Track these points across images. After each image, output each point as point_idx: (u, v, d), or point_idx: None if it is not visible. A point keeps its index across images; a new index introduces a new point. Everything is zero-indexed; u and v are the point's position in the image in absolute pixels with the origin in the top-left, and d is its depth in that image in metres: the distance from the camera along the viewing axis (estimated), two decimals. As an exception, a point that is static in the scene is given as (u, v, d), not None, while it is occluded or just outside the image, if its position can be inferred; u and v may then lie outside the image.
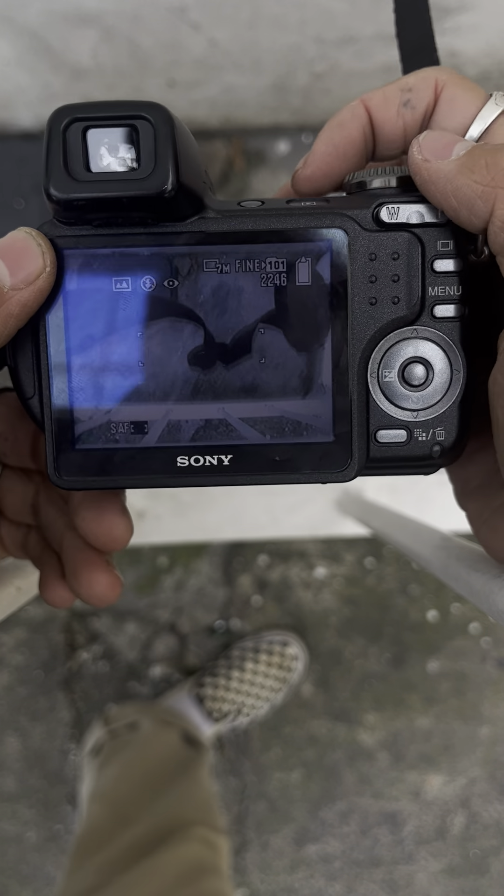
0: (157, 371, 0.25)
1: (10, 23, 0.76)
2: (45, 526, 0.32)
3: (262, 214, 0.25)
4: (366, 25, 0.76)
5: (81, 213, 0.24)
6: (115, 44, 0.80)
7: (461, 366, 0.26)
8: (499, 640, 1.14)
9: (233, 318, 0.25)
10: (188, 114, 0.97)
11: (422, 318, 0.25)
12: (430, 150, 0.24)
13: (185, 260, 0.25)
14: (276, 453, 0.26)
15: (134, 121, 0.23)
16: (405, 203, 0.25)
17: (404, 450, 0.26)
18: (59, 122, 0.23)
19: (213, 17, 0.75)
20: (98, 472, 0.26)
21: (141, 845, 0.77)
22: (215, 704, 1.07)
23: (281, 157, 1.04)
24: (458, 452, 0.27)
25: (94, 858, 0.77)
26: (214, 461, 0.26)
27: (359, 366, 0.25)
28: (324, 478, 0.26)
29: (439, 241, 0.25)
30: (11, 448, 0.32)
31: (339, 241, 0.25)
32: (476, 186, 0.23)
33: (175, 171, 0.23)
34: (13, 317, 0.24)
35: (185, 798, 0.87)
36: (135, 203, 0.24)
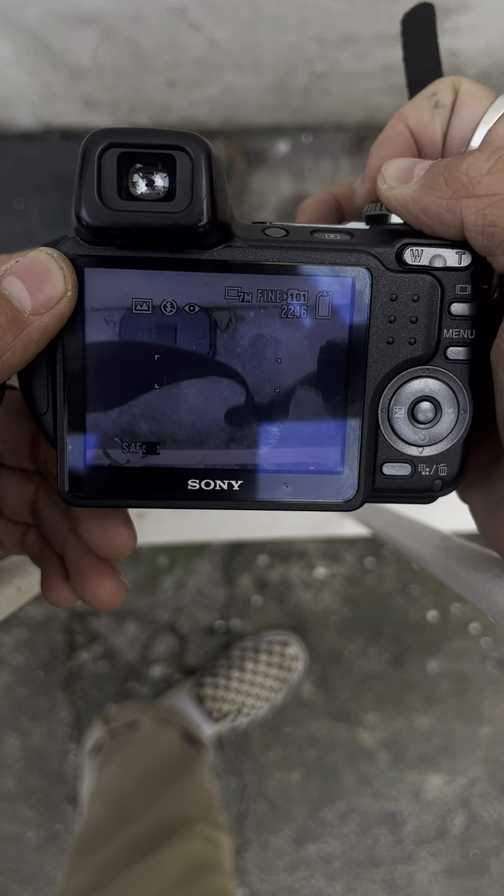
0: (179, 401, 0.26)
1: (10, 23, 0.76)
2: (46, 527, 0.32)
3: (288, 246, 0.25)
4: (366, 25, 0.76)
5: (110, 238, 0.24)
6: (115, 44, 0.80)
7: (468, 406, 0.26)
8: (499, 640, 1.14)
9: (258, 355, 0.25)
10: (188, 114, 0.97)
11: (435, 359, 0.26)
12: (392, 178, 0.26)
13: (208, 289, 0.25)
14: (284, 481, 0.26)
15: (171, 150, 0.23)
16: (428, 246, 0.25)
17: (407, 482, 0.27)
18: (94, 147, 0.23)
19: (213, 17, 0.75)
20: (108, 492, 0.26)
21: (143, 843, 0.77)
22: (215, 704, 1.07)
23: (281, 157, 1.04)
24: (457, 486, 0.28)
25: (95, 856, 0.77)
26: (225, 486, 0.26)
27: (371, 401, 0.26)
28: (330, 507, 0.26)
29: (458, 285, 0.26)
30: (10, 449, 0.32)
31: (362, 279, 0.25)
32: (440, 201, 0.24)
33: (210, 206, 0.23)
34: (34, 342, 0.23)
35: (186, 796, 0.87)
36: (167, 233, 0.24)
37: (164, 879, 0.73)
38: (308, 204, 0.33)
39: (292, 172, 1.04)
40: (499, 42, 0.81)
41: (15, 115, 0.96)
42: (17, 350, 0.23)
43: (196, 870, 0.75)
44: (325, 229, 0.26)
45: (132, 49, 0.81)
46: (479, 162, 0.23)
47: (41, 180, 1.01)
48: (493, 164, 0.23)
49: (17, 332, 0.23)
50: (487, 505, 0.29)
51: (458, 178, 0.23)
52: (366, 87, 0.90)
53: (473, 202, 0.23)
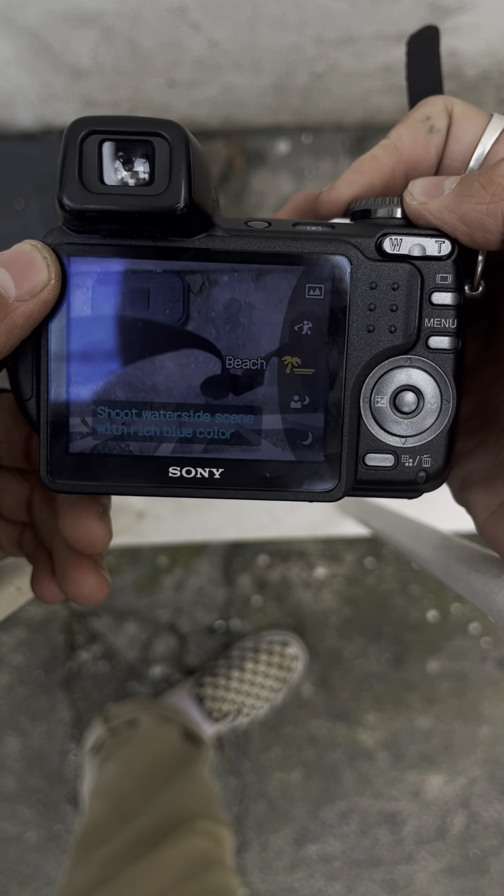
0: (156, 381, 0.26)
1: (10, 23, 0.76)
2: (39, 525, 0.33)
3: (268, 236, 0.25)
4: (366, 25, 0.76)
5: (92, 223, 0.25)
6: (115, 44, 0.80)
7: (451, 396, 0.26)
8: (499, 640, 1.14)
9: (235, 334, 0.26)
10: (188, 114, 0.97)
11: (416, 348, 0.26)
12: (423, 194, 0.26)
13: (192, 277, 0.25)
14: (266, 469, 0.26)
15: (150, 137, 0.24)
16: (408, 235, 0.26)
17: (391, 474, 0.27)
18: (76, 134, 0.24)
19: (213, 17, 0.75)
20: (89, 477, 0.26)
21: (144, 839, 0.77)
22: (215, 704, 1.07)
23: (281, 157, 1.04)
24: (442, 480, 0.27)
25: (97, 853, 0.77)
26: (206, 473, 0.26)
27: (352, 390, 0.26)
28: (311, 497, 0.26)
29: (439, 274, 0.26)
30: (6, 450, 0.32)
31: (341, 267, 0.25)
32: (480, 206, 0.24)
33: (188, 190, 0.24)
34: (17, 328, 0.24)
35: (187, 792, 0.87)
36: (146, 217, 0.24)
37: (167, 875, 0.73)
38: (299, 202, 0.33)
39: (292, 172, 1.04)
40: (499, 42, 0.81)
41: (15, 115, 0.96)
42: (2, 335, 0.24)
43: (198, 866, 0.75)
44: (307, 223, 0.27)
45: (132, 49, 0.81)
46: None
47: (41, 180, 1.01)
48: None
49: (1, 318, 0.24)
50: (490, 505, 0.29)
51: (496, 181, 0.24)
52: (366, 87, 0.90)
53: None
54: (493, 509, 0.29)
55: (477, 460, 0.31)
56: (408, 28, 0.76)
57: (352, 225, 0.27)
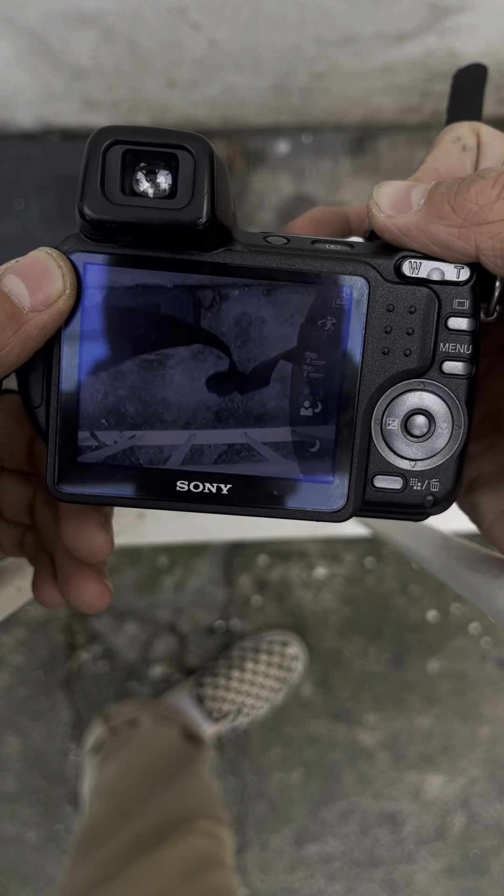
0: (169, 394, 0.26)
1: (10, 23, 0.76)
2: (41, 528, 0.33)
3: (287, 253, 0.25)
4: (366, 25, 0.76)
5: (111, 233, 0.24)
6: (115, 44, 0.80)
7: (462, 422, 0.26)
8: (499, 640, 1.14)
9: (251, 351, 0.26)
10: (188, 114, 0.97)
11: (430, 372, 0.26)
12: (389, 206, 0.25)
13: (207, 290, 0.25)
14: (274, 487, 0.26)
15: (175, 150, 0.24)
16: (427, 259, 0.25)
17: (398, 497, 0.27)
18: (100, 143, 0.24)
19: (213, 17, 0.75)
20: (96, 488, 0.26)
21: (144, 839, 0.78)
22: (215, 704, 1.07)
23: (281, 157, 1.04)
24: (449, 504, 0.27)
25: (97, 852, 0.78)
26: (213, 489, 0.26)
27: (364, 411, 0.26)
28: (319, 517, 0.26)
29: (456, 299, 0.26)
30: (10, 453, 0.32)
31: (359, 288, 0.25)
32: (451, 230, 0.24)
33: (210, 205, 0.23)
34: (32, 339, 0.24)
35: (187, 792, 0.88)
36: (167, 231, 0.24)
37: (167, 875, 0.73)
38: (316, 214, 0.32)
39: (292, 172, 1.04)
40: (499, 42, 0.81)
41: (15, 115, 0.96)
42: (16, 346, 0.23)
43: (198, 865, 0.75)
44: (325, 240, 0.26)
45: (132, 49, 0.81)
46: (486, 190, 0.24)
47: (41, 180, 1.01)
48: (499, 191, 0.23)
49: (15, 329, 0.23)
50: (498, 507, 0.30)
51: (467, 207, 0.24)
52: (366, 87, 0.90)
53: (488, 228, 0.23)
54: (502, 510, 0.29)
55: (485, 463, 0.31)
56: (408, 28, 0.76)
57: (370, 245, 0.27)
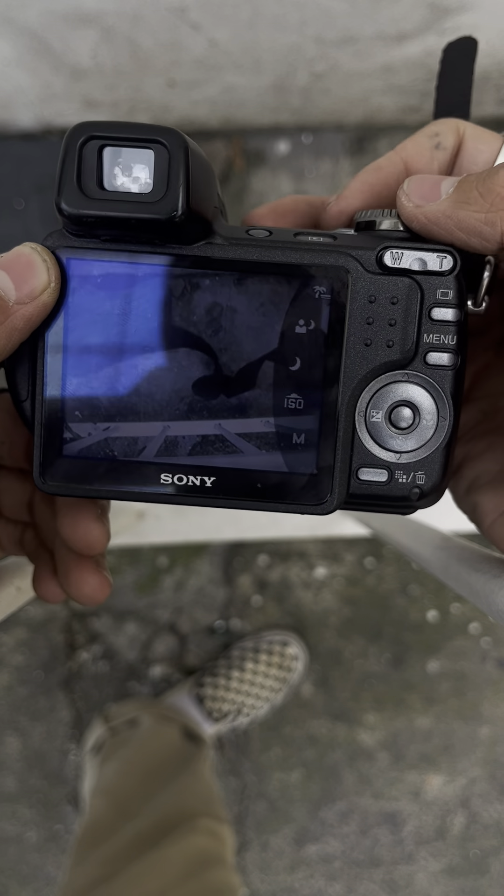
0: (152, 388, 0.26)
1: (10, 23, 0.76)
2: (40, 524, 0.33)
3: (268, 246, 0.25)
4: (366, 25, 0.76)
5: (90, 228, 0.25)
6: (115, 44, 0.80)
7: (448, 414, 0.26)
8: (499, 640, 1.14)
9: (231, 342, 0.26)
10: (188, 114, 0.97)
11: (414, 363, 0.26)
12: (418, 195, 0.25)
13: (189, 282, 0.25)
14: (258, 479, 0.26)
15: (150, 144, 0.24)
16: (409, 249, 0.25)
17: (384, 489, 0.26)
18: (76, 138, 0.24)
19: (213, 17, 0.75)
20: (82, 480, 0.26)
21: (145, 837, 0.78)
22: (215, 704, 1.07)
23: (281, 157, 1.04)
24: (436, 497, 0.27)
25: (97, 851, 0.78)
26: (197, 482, 0.26)
27: (348, 403, 0.26)
28: (302, 509, 0.26)
29: (440, 289, 0.25)
30: (8, 451, 0.32)
31: (340, 280, 0.25)
32: (478, 215, 0.24)
33: (185, 198, 0.23)
34: (17, 331, 0.24)
35: (187, 791, 0.88)
36: (143, 224, 0.24)
37: (168, 873, 0.73)
38: (279, 206, 0.32)
39: (292, 172, 1.04)
40: (499, 42, 0.81)
41: (15, 115, 0.96)
42: (1, 338, 0.24)
43: (199, 863, 0.75)
44: (308, 232, 0.26)
45: (132, 49, 0.81)
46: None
47: (41, 180, 1.01)
48: None
49: (1, 321, 0.24)
50: (499, 506, 0.29)
51: (495, 191, 0.24)
52: (366, 87, 0.90)
53: None
54: (503, 510, 0.29)
55: (486, 463, 0.31)
56: (408, 28, 0.76)
57: (354, 236, 0.27)
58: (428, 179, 0.26)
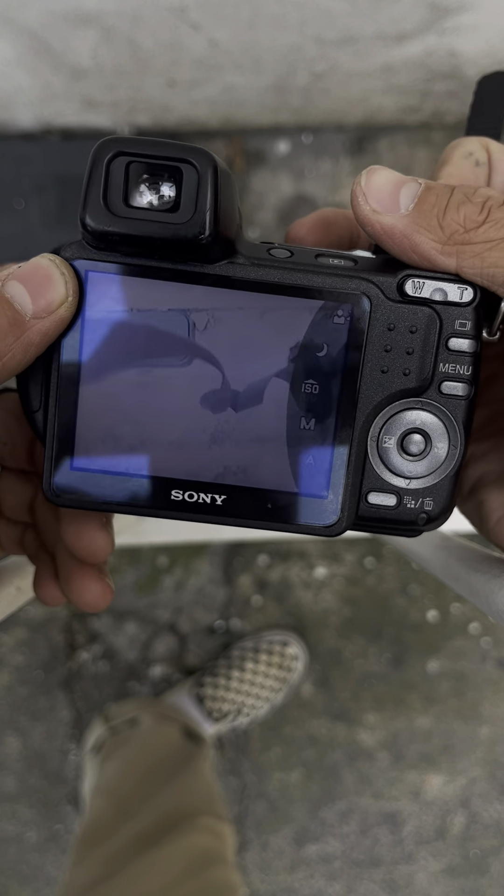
0: (165, 406, 0.26)
1: (11, 23, 0.76)
2: (42, 526, 0.33)
3: (290, 268, 0.25)
4: (366, 25, 0.76)
5: (113, 244, 0.24)
6: (115, 44, 0.80)
7: (459, 443, 0.26)
8: (499, 640, 1.14)
9: (249, 367, 0.26)
10: (188, 114, 0.97)
11: (429, 392, 0.26)
12: (377, 201, 0.25)
13: (208, 302, 0.25)
14: (269, 500, 0.26)
15: (179, 163, 0.24)
16: (430, 279, 0.25)
17: (392, 513, 0.27)
18: (104, 154, 0.24)
19: (213, 17, 0.75)
20: (92, 493, 0.26)
21: (145, 836, 0.78)
22: (215, 704, 1.07)
23: (281, 157, 1.04)
24: (442, 522, 0.27)
25: (98, 850, 0.78)
26: (208, 499, 0.26)
27: (361, 429, 0.26)
28: (312, 531, 0.26)
29: (458, 320, 0.25)
30: (10, 452, 0.32)
31: (361, 306, 0.25)
32: (434, 244, 0.24)
33: (213, 220, 0.23)
34: (34, 345, 0.24)
35: (188, 789, 0.88)
36: (168, 244, 0.24)
37: (169, 872, 0.73)
38: (326, 215, 0.32)
39: (292, 172, 1.04)
40: (499, 42, 0.81)
41: (15, 115, 0.96)
42: (18, 352, 0.23)
43: (200, 862, 0.75)
44: (329, 254, 0.26)
45: (132, 49, 0.81)
46: (474, 216, 0.24)
47: (41, 180, 1.01)
48: (485, 217, 0.24)
49: (17, 335, 0.23)
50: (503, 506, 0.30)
51: (453, 227, 0.24)
52: (366, 87, 0.90)
53: (471, 248, 0.24)
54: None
55: (490, 463, 0.31)
56: (408, 28, 0.76)
57: (374, 260, 0.27)
58: (388, 181, 0.25)
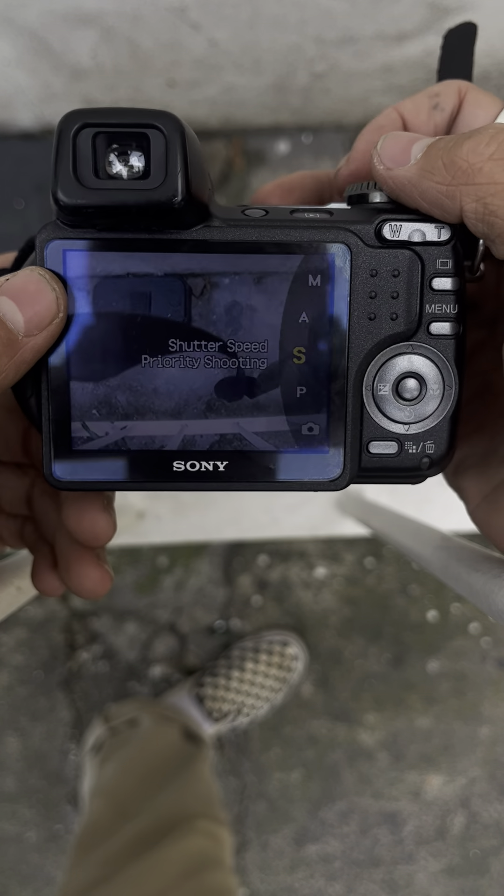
0: (159, 384, 0.26)
1: (10, 23, 0.76)
2: (40, 517, 0.33)
3: (266, 225, 0.25)
4: (366, 25, 0.76)
5: (88, 218, 0.24)
6: (115, 44, 0.80)
7: (453, 382, 0.26)
8: (499, 640, 1.14)
9: (239, 330, 0.25)
10: (188, 114, 0.97)
11: (418, 335, 0.26)
12: (389, 158, 0.25)
13: (190, 268, 0.25)
14: (271, 461, 0.26)
15: (145, 129, 0.23)
16: (407, 221, 0.25)
17: (395, 461, 0.27)
18: (69, 127, 0.23)
19: (213, 17, 0.75)
20: (93, 474, 0.26)
21: (143, 838, 0.78)
22: (215, 704, 1.07)
23: (281, 157, 1.04)
24: (445, 464, 0.27)
25: (96, 852, 0.78)
26: (210, 467, 0.26)
27: (355, 379, 0.26)
28: (317, 487, 0.26)
29: (439, 259, 0.25)
30: (4, 446, 0.32)
31: (341, 256, 0.25)
32: (439, 187, 0.23)
33: (185, 182, 0.23)
34: (26, 363, 0.24)
35: (187, 791, 0.88)
36: (143, 211, 0.24)
37: (166, 875, 0.73)
38: (286, 183, 0.32)
39: (292, 172, 1.04)
40: (499, 42, 0.81)
41: (15, 115, 0.96)
42: (10, 372, 0.23)
43: (197, 865, 0.75)
44: (304, 209, 0.26)
45: (132, 49, 0.81)
46: (479, 147, 0.23)
47: (41, 180, 1.01)
48: (494, 150, 0.23)
49: (11, 355, 0.23)
50: (482, 490, 0.29)
51: (457, 164, 0.23)
52: (366, 87, 0.90)
53: (474, 189, 0.23)
54: (486, 494, 0.29)
55: (472, 445, 0.31)
56: (408, 28, 0.76)
57: (349, 210, 0.27)
58: (401, 139, 0.25)
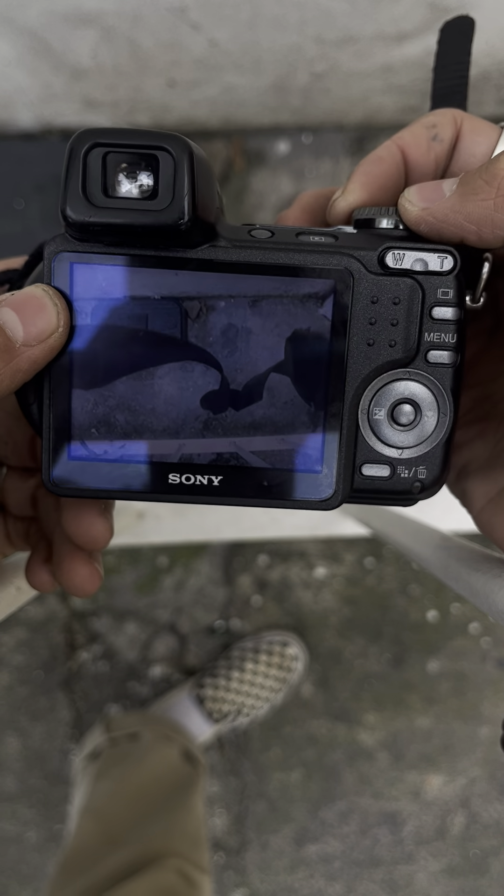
0: (158, 404, 0.26)
1: (11, 23, 0.76)
2: (42, 517, 0.34)
3: (271, 247, 0.25)
4: (366, 25, 0.76)
5: (95, 234, 0.25)
6: (115, 44, 0.80)
7: (448, 410, 0.27)
8: (499, 640, 1.14)
9: (238, 348, 0.26)
10: (188, 114, 0.97)
11: (416, 361, 0.26)
12: (423, 199, 0.25)
13: (195, 288, 0.26)
14: (265, 478, 0.27)
15: (155, 151, 0.24)
16: (410, 250, 0.25)
17: (387, 484, 0.27)
18: (80, 146, 0.24)
19: (213, 17, 0.75)
20: (90, 482, 0.27)
21: (120, 870, 0.77)
22: (215, 705, 1.07)
23: (281, 157, 1.04)
24: (436, 490, 0.28)
25: (79, 880, 0.77)
26: (205, 480, 0.26)
27: (351, 402, 0.26)
28: (309, 505, 0.27)
29: (440, 289, 0.26)
30: (12, 450, 0.32)
31: (343, 281, 0.26)
32: (486, 202, 0.24)
33: (191, 205, 0.24)
34: (21, 372, 0.24)
35: (175, 827, 0.86)
36: (149, 231, 0.24)
37: None
38: (307, 202, 0.32)
39: (292, 172, 1.04)
40: (499, 42, 0.81)
41: (15, 115, 0.96)
42: (6, 378, 0.24)
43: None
44: (310, 231, 0.27)
45: (132, 49, 0.81)
46: None
47: (41, 180, 1.01)
48: None
49: (7, 361, 0.24)
50: (487, 493, 0.30)
51: (500, 175, 0.23)
52: (366, 87, 0.90)
53: None
54: (491, 497, 0.30)
55: (475, 450, 0.31)
56: (408, 28, 0.76)
57: (355, 235, 0.27)
58: (428, 184, 0.26)
